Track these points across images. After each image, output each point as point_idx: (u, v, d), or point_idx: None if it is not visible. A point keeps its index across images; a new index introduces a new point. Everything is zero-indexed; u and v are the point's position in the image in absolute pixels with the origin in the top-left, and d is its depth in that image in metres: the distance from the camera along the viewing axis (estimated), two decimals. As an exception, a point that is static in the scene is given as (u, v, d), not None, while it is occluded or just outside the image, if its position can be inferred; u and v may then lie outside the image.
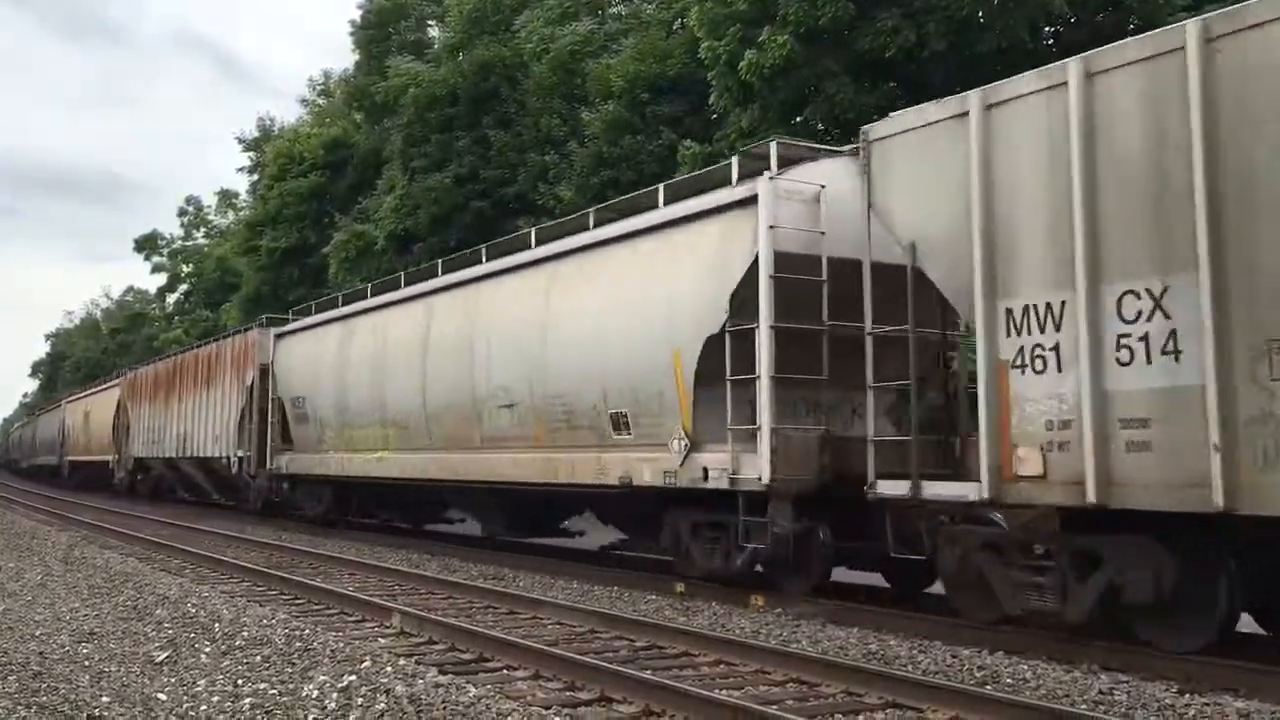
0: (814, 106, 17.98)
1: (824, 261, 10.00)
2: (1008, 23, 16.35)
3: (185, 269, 71.03)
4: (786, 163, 10.39)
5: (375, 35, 38.35)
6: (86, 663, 7.09)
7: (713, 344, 10.41)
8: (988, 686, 6.67)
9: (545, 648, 7.55)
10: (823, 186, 10.15)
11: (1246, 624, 7.91)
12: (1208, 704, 6.34)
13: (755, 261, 9.98)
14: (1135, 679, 6.92)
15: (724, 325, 10.28)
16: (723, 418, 10.27)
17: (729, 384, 10.24)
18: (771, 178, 10.08)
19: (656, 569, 12.38)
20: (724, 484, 10.22)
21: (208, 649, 7.53)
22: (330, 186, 38.75)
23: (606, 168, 23.54)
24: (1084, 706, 6.27)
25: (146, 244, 74.81)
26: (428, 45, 37.12)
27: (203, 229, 72.62)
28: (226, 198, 69.96)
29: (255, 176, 55.09)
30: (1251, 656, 7.21)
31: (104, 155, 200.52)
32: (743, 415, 10.15)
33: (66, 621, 8.80)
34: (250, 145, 57.16)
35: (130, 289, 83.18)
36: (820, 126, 18.73)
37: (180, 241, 73.52)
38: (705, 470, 10.47)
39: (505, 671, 7.23)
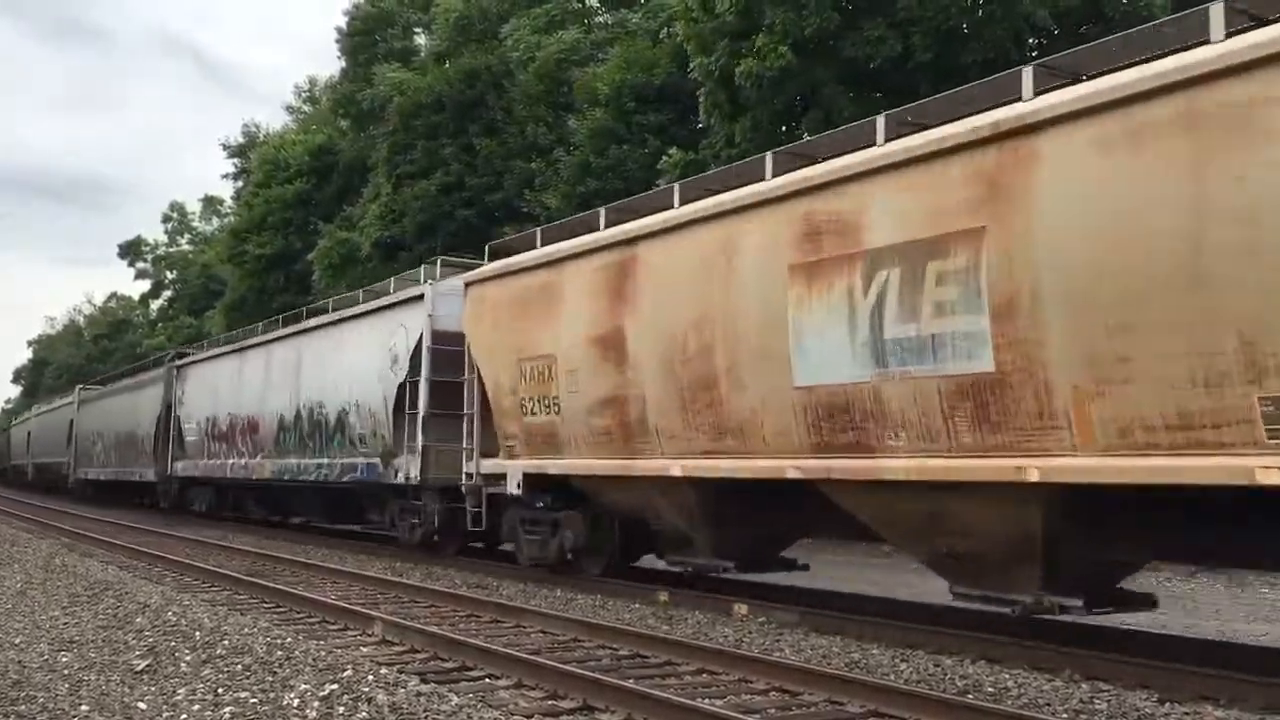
0: (809, 116, 18.02)
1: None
2: (993, 34, 16.45)
3: (169, 275, 70.81)
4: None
5: (361, 42, 38.38)
6: (66, 671, 7.03)
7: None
8: (969, 695, 6.69)
9: (528, 656, 7.52)
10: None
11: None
12: (1188, 713, 6.38)
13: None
14: (1116, 688, 6.94)
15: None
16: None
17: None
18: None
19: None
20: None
21: (188, 657, 7.48)
22: (316, 193, 38.71)
23: (593, 177, 23.57)
24: (1065, 715, 6.29)
25: (131, 250, 74.61)
26: (414, 53, 37.15)
27: (187, 235, 72.42)
28: (211, 204, 69.82)
29: (240, 183, 55.00)
30: (1236, 665, 7.26)
31: (84, 158, 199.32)
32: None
33: (46, 630, 8.74)
34: (235, 151, 57.07)
35: (113, 295, 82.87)
36: (807, 137, 18.77)
37: (164, 248, 73.33)
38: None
39: (487, 680, 7.21)
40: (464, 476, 13.94)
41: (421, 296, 15.64)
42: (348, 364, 17.89)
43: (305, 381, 19.57)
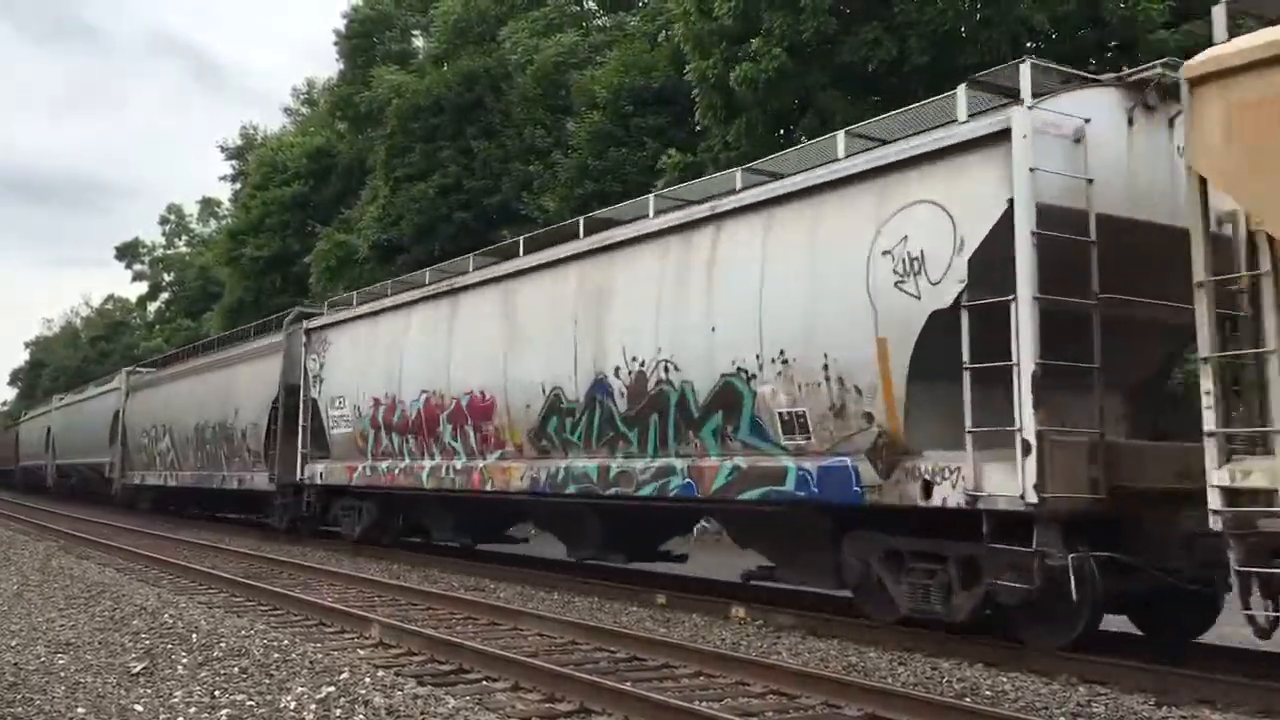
0: (807, 120, 18.05)
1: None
2: (989, 37, 16.46)
3: (167, 277, 70.80)
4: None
5: (359, 45, 38.35)
6: (62, 674, 7.03)
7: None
8: (967, 699, 6.69)
9: (525, 659, 7.52)
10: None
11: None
12: (1185, 716, 6.38)
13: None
14: (1114, 691, 6.95)
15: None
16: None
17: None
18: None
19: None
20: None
21: (185, 660, 7.48)
22: (314, 195, 38.71)
23: (591, 179, 23.58)
24: (1062, 718, 6.29)
25: (128, 252, 74.60)
26: (412, 55, 37.15)
27: (184, 237, 72.42)
28: (209, 206, 69.84)
29: (238, 185, 54.99)
30: (1229, 669, 7.26)
31: (83, 158, 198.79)
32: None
33: (43, 632, 8.73)
34: (233, 154, 57.04)
35: (110, 297, 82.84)
36: (804, 139, 18.80)
37: (162, 250, 73.33)
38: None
39: (485, 683, 7.20)
40: (1213, 499, 6.79)
41: (997, 137, 8.12)
42: (743, 289, 10.04)
43: (613, 331, 11.65)
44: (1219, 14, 7.26)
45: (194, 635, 8.47)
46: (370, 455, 16.76)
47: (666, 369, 10.89)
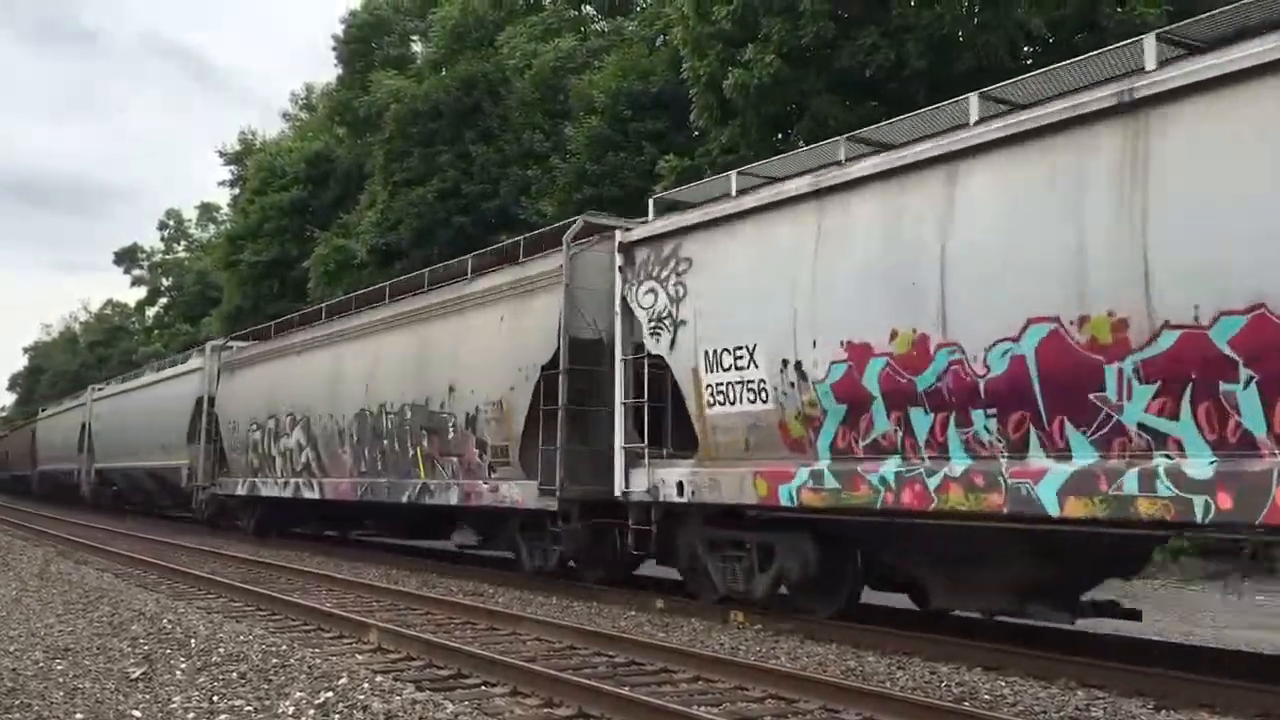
0: (801, 125, 18.09)
1: None
2: (986, 42, 16.49)
3: (165, 282, 70.85)
4: None
5: (358, 50, 38.38)
6: (60, 679, 7.02)
7: None
8: (965, 703, 6.69)
9: (523, 664, 7.52)
10: None
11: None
12: (1183, 719, 6.39)
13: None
14: (1112, 695, 6.95)
15: None
16: None
17: None
18: None
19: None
20: None
21: (183, 665, 7.47)
22: (312, 200, 38.72)
23: (589, 184, 23.59)
24: (1061, 722, 6.29)
25: (127, 256, 74.66)
26: (411, 60, 37.20)
27: (183, 242, 72.50)
28: (207, 211, 69.92)
29: (236, 190, 55.03)
30: (1228, 672, 7.27)
31: (82, 161, 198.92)
32: None
33: (41, 637, 8.72)
34: (232, 159, 57.06)
35: (109, 302, 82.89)
36: (802, 143, 18.85)
37: (160, 255, 73.40)
38: None
39: (483, 688, 7.20)
40: None
41: None
42: None
43: None
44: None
45: (192, 640, 8.46)
46: (828, 453, 9.28)
47: None
